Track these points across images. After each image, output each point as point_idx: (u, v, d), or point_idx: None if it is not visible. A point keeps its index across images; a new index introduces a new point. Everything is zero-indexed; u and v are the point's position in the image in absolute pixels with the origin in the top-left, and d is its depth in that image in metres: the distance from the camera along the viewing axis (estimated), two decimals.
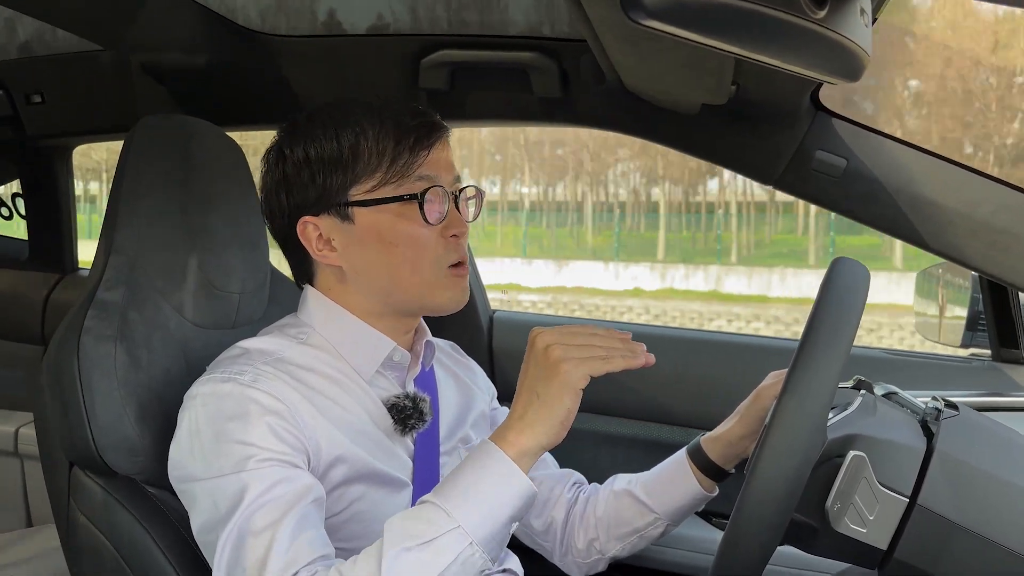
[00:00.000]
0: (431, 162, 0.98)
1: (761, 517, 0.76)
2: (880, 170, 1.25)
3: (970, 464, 0.82)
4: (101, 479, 1.02)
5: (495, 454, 0.83)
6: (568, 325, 0.89)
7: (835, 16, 0.56)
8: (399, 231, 0.97)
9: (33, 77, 1.62)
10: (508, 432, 0.84)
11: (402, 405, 1.00)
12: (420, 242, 0.97)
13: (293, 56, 1.43)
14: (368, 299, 1.01)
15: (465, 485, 0.82)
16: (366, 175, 0.97)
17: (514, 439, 0.83)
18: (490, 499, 0.81)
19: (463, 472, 0.83)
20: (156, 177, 1.12)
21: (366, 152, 0.96)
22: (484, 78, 1.40)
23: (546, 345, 0.84)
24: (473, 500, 0.81)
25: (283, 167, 1.00)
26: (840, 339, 0.79)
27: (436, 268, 0.98)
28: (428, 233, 0.97)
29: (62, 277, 1.95)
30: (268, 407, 0.90)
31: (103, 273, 1.07)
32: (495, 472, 0.82)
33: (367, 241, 0.98)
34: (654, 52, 0.93)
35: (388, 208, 0.96)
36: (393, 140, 0.97)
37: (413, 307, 1.02)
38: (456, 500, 0.81)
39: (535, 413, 0.83)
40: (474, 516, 0.80)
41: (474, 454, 0.85)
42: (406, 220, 0.97)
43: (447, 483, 0.84)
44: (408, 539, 0.79)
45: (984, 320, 1.48)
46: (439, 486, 0.84)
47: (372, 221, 0.97)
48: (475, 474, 0.82)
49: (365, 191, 0.97)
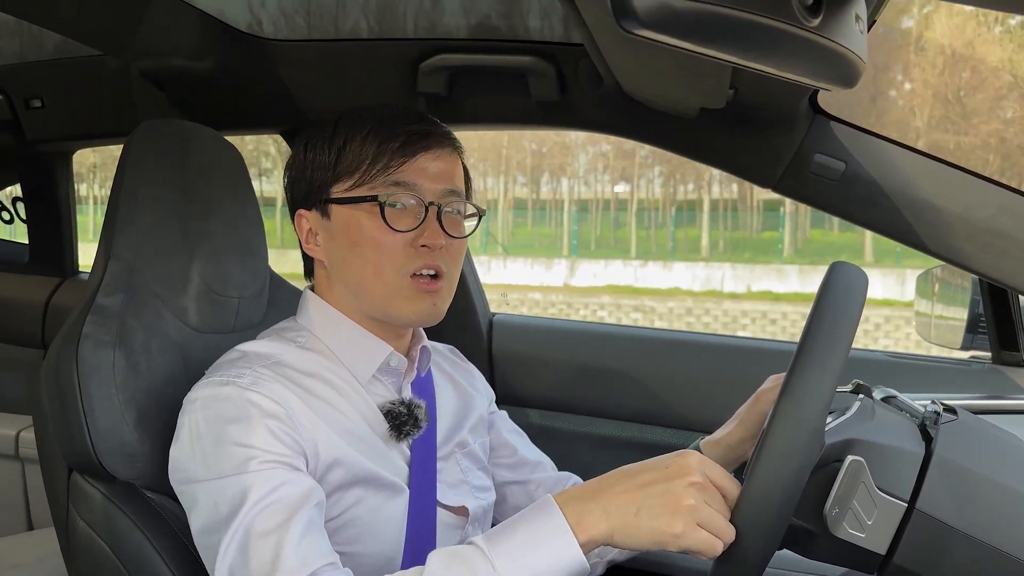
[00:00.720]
0: (412, 169, 0.98)
1: (759, 522, 0.76)
2: (879, 173, 1.25)
3: (969, 469, 0.81)
4: (100, 484, 1.02)
5: (559, 524, 0.77)
6: (724, 473, 0.79)
7: (830, 23, 0.56)
8: (364, 232, 0.98)
9: (33, 82, 1.63)
10: (586, 516, 0.77)
11: (397, 411, 1.00)
12: (382, 246, 0.97)
13: (292, 61, 1.43)
14: (346, 297, 1.02)
15: (518, 541, 0.77)
16: (347, 174, 0.99)
17: (589, 526, 0.76)
18: (538, 566, 0.76)
19: (519, 526, 0.78)
20: (155, 182, 1.12)
21: (350, 153, 0.99)
22: (482, 82, 1.40)
23: (687, 485, 0.76)
24: (521, 559, 0.76)
25: (291, 164, 1.06)
26: (838, 343, 0.78)
27: (399, 275, 0.98)
28: (392, 239, 0.97)
29: (62, 281, 1.96)
30: (267, 410, 0.90)
31: (102, 278, 1.07)
32: (553, 542, 0.76)
33: (338, 238, 1.00)
34: (651, 57, 0.93)
35: (360, 208, 0.98)
36: (377, 143, 0.99)
37: (377, 313, 1.01)
38: (505, 554, 0.76)
39: (620, 519, 0.76)
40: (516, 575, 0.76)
41: (537, 511, 0.79)
42: (371, 222, 0.98)
43: (500, 533, 0.79)
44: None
45: (984, 322, 1.48)
46: (493, 532, 0.79)
47: (344, 219, 0.99)
48: (532, 534, 0.77)
49: (343, 190, 1.00)
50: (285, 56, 1.43)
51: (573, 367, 1.63)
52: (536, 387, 1.65)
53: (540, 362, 1.65)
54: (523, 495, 1.20)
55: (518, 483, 1.20)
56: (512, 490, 1.20)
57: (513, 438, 1.23)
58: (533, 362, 1.66)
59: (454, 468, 1.08)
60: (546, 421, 1.63)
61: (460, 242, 1.02)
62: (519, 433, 1.25)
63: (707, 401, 1.48)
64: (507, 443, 1.21)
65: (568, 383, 1.63)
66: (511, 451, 1.21)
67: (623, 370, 1.59)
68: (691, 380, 1.56)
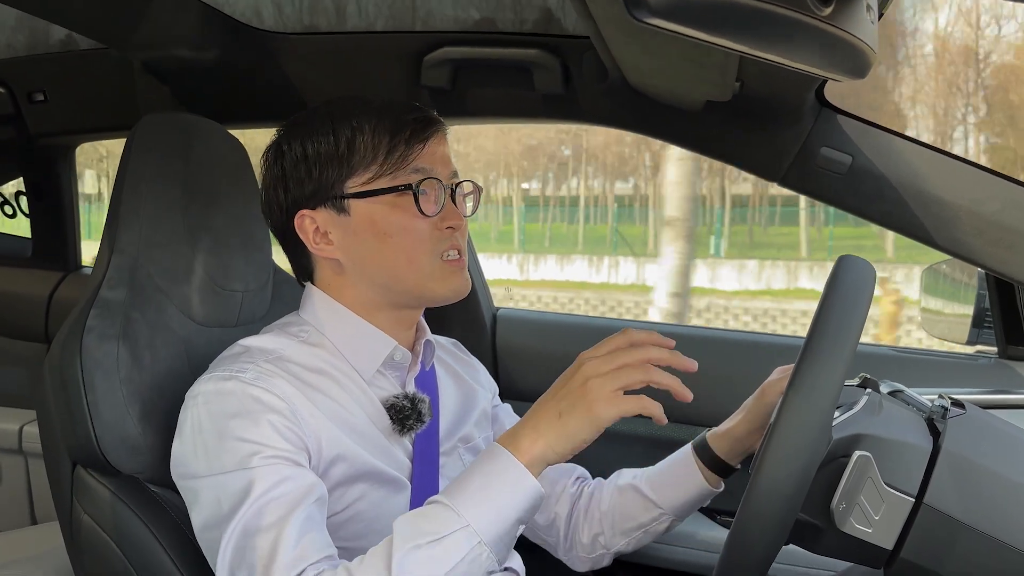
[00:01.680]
0: (427, 155, 0.99)
1: (766, 517, 0.75)
2: (886, 167, 1.24)
3: (977, 463, 0.81)
4: (104, 478, 1.02)
5: (504, 458, 0.82)
6: (614, 345, 0.85)
7: (841, 13, 0.55)
8: (393, 222, 0.97)
9: (35, 76, 1.62)
10: (521, 440, 0.83)
11: (400, 405, 1.00)
12: (415, 233, 0.97)
13: (295, 54, 1.43)
14: (366, 292, 1.01)
15: (474, 487, 0.82)
16: (362, 168, 0.98)
17: (527, 447, 0.83)
18: (498, 500, 0.81)
19: (472, 474, 0.83)
20: (158, 175, 1.11)
21: (362, 146, 0.98)
22: (486, 75, 1.39)
23: (585, 376, 0.83)
24: (482, 501, 0.81)
25: (281, 163, 1.01)
26: (846, 337, 0.78)
27: (432, 258, 0.99)
28: (423, 224, 0.98)
29: (65, 275, 1.96)
30: (270, 405, 0.90)
31: (106, 272, 1.07)
32: (504, 474, 0.82)
33: (362, 233, 0.98)
34: (658, 49, 0.92)
35: (383, 199, 0.97)
36: (389, 134, 0.98)
37: (411, 299, 1.01)
38: (465, 500, 0.81)
39: (550, 429, 0.83)
40: (483, 516, 0.80)
41: (483, 457, 0.85)
42: (400, 211, 0.97)
43: (456, 485, 0.84)
44: (418, 536, 0.80)
45: (991, 317, 1.47)
46: (448, 487, 0.84)
47: (367, 212, 0.98)
48: (484, 477, 0.82)
49: (361, 183, 0.98)
50: (288, 49, 1.43)
51: None
52: (540, 381, 1.63)
53: (544, 356, 1.65)
54: None
55: None
56: None
57: None
58: (537, 356, 1.65)
59: (456, 463, 1.08)
60: None
61: (466, 221, 1.04)
62: None
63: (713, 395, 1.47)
64: None
65: None
66: None
67: None
68: (698, 374, 1.55)
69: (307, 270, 1.05)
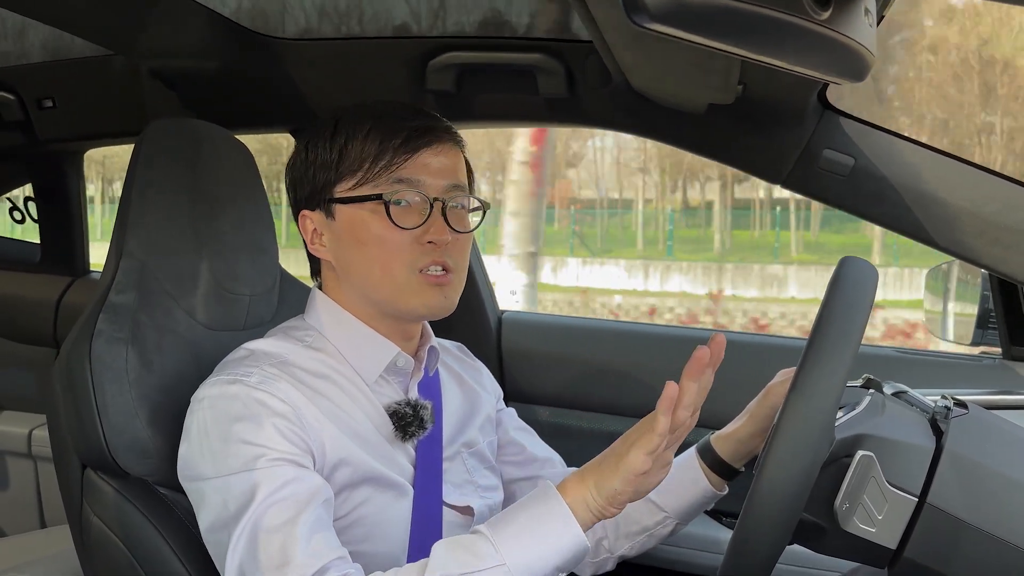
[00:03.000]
0: (414, 166, 0.98)
1: (770, 517, 0.76)
2: (888, 168, 1.25)
3: (980, 463, 0.81)
4: (114, 481, 1.03)
5: (552, 496, 0.83)
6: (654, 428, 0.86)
7: (839, 17, 0.56)
8: (370, 231, 0.98)
9: (44, 82, 1.64)
10: (569, 484, 0.85)
11: (403, 412, 1.00)
12: (389, 244, 0.97)
13: (301, 59, 1.44)
14: (359, 298, 1.02)
15: (519, 525, 0.82)
16: (349, 173, 0.99)
17: (573, 491, 0.84)
18: (541, 544, 0.81)
19: (520, 511, 0.84)
20: (166, 181, 1.12)
21: (352, 152, 0.99)
22: (491, 79, 1.40)
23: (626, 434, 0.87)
24: (524, 541, 0.81)
25: (293, 163, 1.05)
26: (848, 338, 0.78)
27: (407, 272, 0.98)
28: (399, 236, 0.97)
29: (74, 280, 1.97)
30: (274, 409, 0.91)
31: (114, 276, 1.08)
32: (550, 518, 0.82)
33: (345, 238, 1.00)
34: (660, 52, 0.93)
35: (364, 207, 0.98)
36: (379, 141, 0.98)
37: (388, 308, 1.01)
38: (507, 538, 0.81)
39: (591, 475, 0.85)
40: (521, 558, 0.80)
41: (534, 496, 0.85)
42: (377, 220, 0.97)
43: (503, 518, 0.84)
44: (452, 565, 0.80)
45: (994, 318, 1.47)
46: (495, 519, 0.85)
47: (349, 219, 0.99)
48: (531, 517, 0.83)
49: (346, 189, 0.99)
50: (294, 54, 1.44)
51: (582, 364, 1.63)
52: (545, 384, 1.65)
53: (549, 359, 1.65)
54: None
55: (528, 480, 1.20)
56: (522, 487, 1.20)
57: (521, 436, 1.22)
58: (542, 359, 1.66)
59: (460, 468, 1.08)
60: (556, 419, 1.63)
61: (466, 236, 1.02)
62: (527, 431, 1.25)
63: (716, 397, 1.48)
64: (515, 441, 1.21)
65: (577, 380, 1.63)
66: (519, 449, 1.21)
67: (632, 367, 1.59)
68: None
69: (314, 269, 1.08)
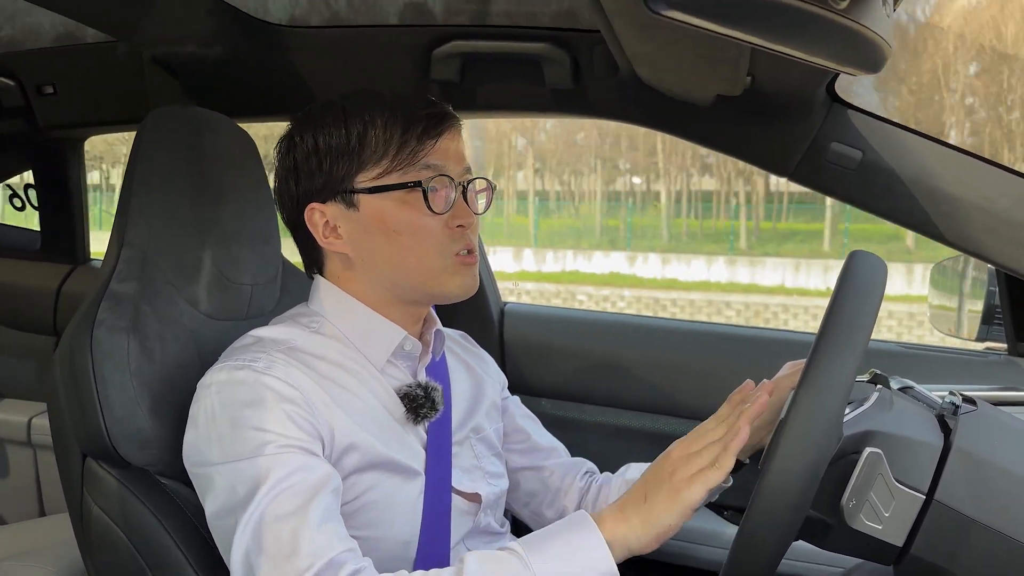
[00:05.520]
0: (438, 151, 0.98)
1: (776, 513, 0.75)
2: (896, 162, 1.24)
3: (988, 460, 0.81)
4: (115, 470, 1.02)
5: (590, 528, 0.84)
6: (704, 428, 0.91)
7: (857, 6, 0.55)
8: (402, 219, 0.97)
9: (45, 69, 1.63)
10: (605, 519, 0.86)
11: (414, 394, 1.00)
12: (424, 231, 0.97)
13: (304, 47, 1.43)
14: (375, 287, 1.01)
15: (555, 549, 0.83)
16: (372, 162, 0.97)
17: (611, 527, 0.85)
18: (573, 570, 0.82)
19: (556, 534, 0.85)
20: (167, 169, 1.11)
21: (373, 140, 0.97)
22: (495, 69, 1.39)
23: (672, 460, 0.87)
24: (557, 565, 0.82)
25: (293, 155, 1.01)
26: (857, 334, 0.78)
27: (441, 257, 0.98)
28: (432, 222, 0.97)
29: (74, 268, 1.96)
30: (283, 394, 0.90)
31: (115, 265, 1.08)
32: (584, 546, 0.83)
33: (371, 229, 0.98)
34: (669, 42, 0.92)
35: (392, 195, 0.97)
36: (401, 128, 0.97)
37: (419, 295, 1.01)
38: (541, 560, 0.82)
39: (635, 513, 0.85)
40: None
41: (571, 524, 0.86)
42: (410, 208, 0.97)
43: (538, 539, 0.85)
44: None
45: (1000, 314, 1.47)
46: (529, 538, 0.86)
47: (376, 208, 0.97)
48: (567, 542, 0.84)
49: (371, 178, 0.97)
50: (297, 42, 1.43)
51: (585, 356, 1.63)
52: (548, 376, 1.65)
53: (551, 351, 1.65)
54: (537, 481, 1.20)
55: (532, 469, 1.20)
56: (526, 476, 1.20)
57: (526, 423, 1.23)
58: (544, 351, 1.65)
59: (468, 453, 1.08)
60: (558, 411, 1.63)
61: (478, 218, 1.03)
62: (532, 419, 1.25)
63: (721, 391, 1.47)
64: (520, 428, 1.21)
65: (580, 372, 1.62)
66: (524, 436, 1.21)
67: (636, 359, 1.59)
68: (704, 369, 1.55)
69: (317, 262, 1.05)
